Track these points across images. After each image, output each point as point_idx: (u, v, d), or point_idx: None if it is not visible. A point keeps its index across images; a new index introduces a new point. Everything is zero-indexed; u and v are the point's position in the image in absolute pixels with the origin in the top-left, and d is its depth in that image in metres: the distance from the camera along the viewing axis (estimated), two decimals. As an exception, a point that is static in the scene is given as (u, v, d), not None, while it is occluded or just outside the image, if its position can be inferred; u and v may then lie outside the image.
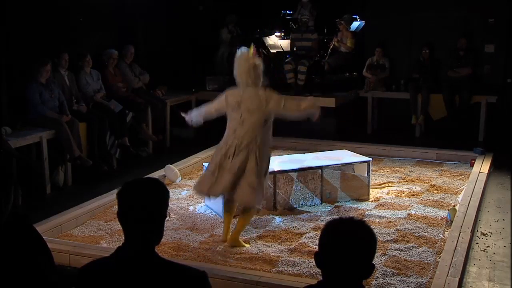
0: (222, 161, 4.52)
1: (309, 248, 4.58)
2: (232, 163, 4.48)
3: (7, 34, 6.50)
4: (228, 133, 4.59)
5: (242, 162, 4.47)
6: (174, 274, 2.07)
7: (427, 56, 9.33)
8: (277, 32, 10.57)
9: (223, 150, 4.55)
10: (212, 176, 4.55)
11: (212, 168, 4.59)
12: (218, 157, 4.56)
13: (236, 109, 4.57)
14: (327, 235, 1.96)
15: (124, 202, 2.11)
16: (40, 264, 2.39)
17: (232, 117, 4.61)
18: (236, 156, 4.48)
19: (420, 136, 9.27)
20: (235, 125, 4.55)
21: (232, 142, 4.51)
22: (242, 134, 4.50)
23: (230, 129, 4.59)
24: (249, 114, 4.52)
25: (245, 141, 4.49)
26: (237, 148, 4.49)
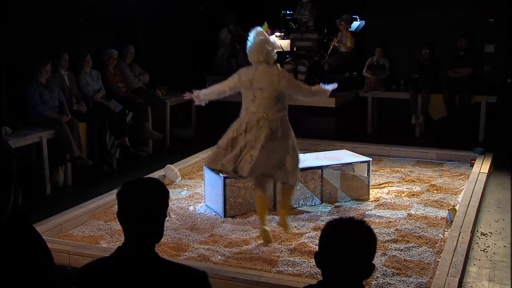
0: (234, 137, 4.56)
1: (309, 248, 4.58)
2: (244, 139, 4.50)
3: (7, 34, 6.50)
4: (242, 110, 4.64)
5: (253, 139, 4.48)
6: (174, 274, 2.07)
7: (427, 56, 9.33)
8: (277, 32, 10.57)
9: (235, 126, 4.59)
10: (225, 152, 4.59)
11: (224, 144, 4.60)
12: (230, 133, 4.60)
13: (248, 87, 4.58)
14: (327, 235, 1.96)
15: (124, 202, 2.11)
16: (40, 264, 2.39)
17: (245, 95, 4.63)
18: (247, 133, 4.49)
19: (420, 136, 9.27)
20: (247, 102, 4.58)
21: (243, 119, 4.55)
22: (254, 110, 4.52)
23: (243, 106, 4.63)
24: (260, 91, 4.52)
25: (255, 118, 4.50)
26: (248, 124, 4.51)
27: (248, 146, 4.55)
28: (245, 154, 4.56)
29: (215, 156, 4.74)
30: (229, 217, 5.35)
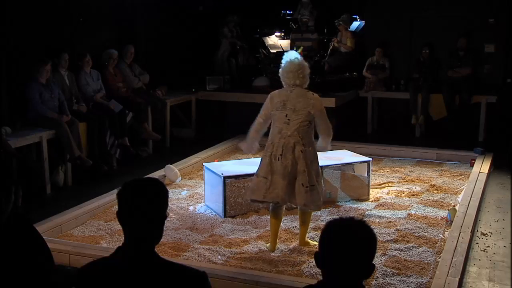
0: (272, 164, 4.44)
1: (309, 248, 4.58)
2: (282, 166, 4.40)
3: (7, 34, 6.50)
4: (273, 133, 4.51)
5: (292, 164, 4.40)
6: (174, 274, 2.07)
7: (427, 56, 9.33)
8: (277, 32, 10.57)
9: (269, 152, 4.47)
10: (266, 181, 4.45)
11: (263, 172, 4.47)
12: (267, 159, 4.48)
13: (281, 108, 4.51)
14: (327, 235, 1.96)
15: (124, 202, 2.11)
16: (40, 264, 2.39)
17: (276, 117, 4.53)
18: (284, 158, 4.40)
19: (420, 136, 9.27)
20: (280, 125, 4.49)
21: (279, 142, 4.44)
22: (289, 134, 4.44)
23: (275, 129, 4.52)
24: (294, 113, 4.47)
25: (292, 141, 4.42)
26: (285, 148, 4.41)
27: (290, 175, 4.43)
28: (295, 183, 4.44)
29: (257, 186, 4.55)
30: (229, 217, 5.35)
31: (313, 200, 4.46)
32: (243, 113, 9.30)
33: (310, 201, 4.45)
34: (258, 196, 4.52)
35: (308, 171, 4.42)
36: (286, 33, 10.46)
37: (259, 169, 4.54)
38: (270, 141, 4.53)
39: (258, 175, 4.52)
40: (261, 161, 4.57)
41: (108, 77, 7.81)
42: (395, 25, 9.96)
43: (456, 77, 9.07)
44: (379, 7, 10.12)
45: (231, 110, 9.56)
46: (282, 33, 10.56)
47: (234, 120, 9.35)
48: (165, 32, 9.60)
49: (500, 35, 9.34)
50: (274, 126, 4.55)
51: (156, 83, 8.75)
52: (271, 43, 10.33)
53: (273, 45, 10.31)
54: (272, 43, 10.34)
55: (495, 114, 8.89)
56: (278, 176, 4.42)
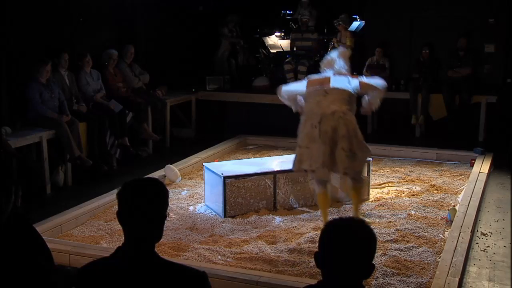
0: (311, 133, 4.51)
1: (309, 248, 4.58)
2: (322, 131, 4.45)
3: (7, 34, 6.50)
4: (311, 107, 4.60)
5: (332, 131, 4.44)
6: (174, 274, 2.07)
7: (427, 56, 9.33)
8: (277, 32, 10.58)
9: (309, 122, 4.54)
10: (308, 150, 4.52)
11: (304, 142, 4.54)
12: (306, 129, 4.55)
13: (319, 86, 4.64)
14: (327, 235, 1.96)
15: (124, 202, 2.11)
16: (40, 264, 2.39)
17: (313, 93, 4.65)
18: (322, 124, 4.45)
19: (420, 136, 9.26)
20: (317, 98, 4.59)
21: (317, 111, 4.52)
22: (327, 103, 4.53)
23: (312, 103, 4.61)
24: (333, 88, 4.61)
25: (330, 110, 4.49)
26: (323, 115, 4.47)
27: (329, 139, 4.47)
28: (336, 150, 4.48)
29: (300, 157, 4.64)
30: (229, 217, 5.35)
31: (354, 167, 4.50)
32: (243, 113, 9.35)
33: (351, 167, 4.47)
34: (306, 165, 4.59)
35: (348, 136, 4.48)
36: (286, 33, 10.47)
37: (300, 140, 4.60)
38: (309, 112, 4.61)
39: (301, 146, 4.60)
40: (301, 132, 4.63)
41: (108, 77, 7.81)
42: (395, 25, 9.96)
43: (456, 77, 9.06)
44: (379, 7, 10.12)
45: (231, 110, 9.57)
46: (282, 33, 10.57)
47: (234, 120, 9.36)
48: (165, 32, 9.60)
49: (500, 35, 9.33)
50: (310, 102, 4.66)
51: (156, 83, 8.75)
52: (271, 43, 10.34)
53: (273, 45, 10.32)
54: (272, 43, 10.36)
55: (495, 114, 8.89)
56: (318, 143, 4.47)
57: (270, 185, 5.52)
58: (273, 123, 8.91)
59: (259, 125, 8.84)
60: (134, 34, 8.92)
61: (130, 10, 8.75)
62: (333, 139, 4.46)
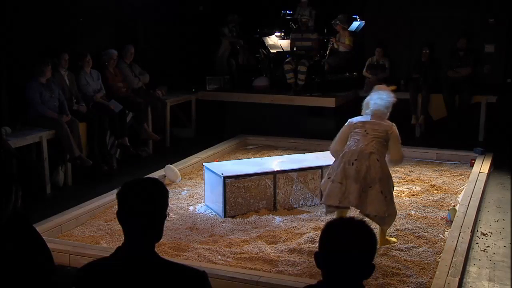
0: (345, 169, 4.51)
1: (309, 248, 4.57)
2: (355, 170, 4.45)
3: (7, 34, 6.50)
4: (350, 145, 4.63)
5: (366, 170, 4.45)
6: (174, 274, 2.07)
7: (427, 56, 9.32)
8: (277, 32, 10.57)
9: (346, 158, 4.55)
10: (341, 186, 4.49)
11: (339, 178, 4.51)
12: (342, 165, 4.54)
13: (360, 127, 4.69)
14: (327, 235, 1.95)
15: (124, 202, 2.11)
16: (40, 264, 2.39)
17: (354, 133, 4.68)
18: (358, 162, 4.46)
19: (420, 136, 9.26)
20: (358, 137, 4.63)
21: (355, 149, 4.54)
22: (366, 143, 4.56)
23: (352, 141, 4.65)
24: (373, 130, 4.64)
25: (368, 150, 4.52)
26: (360, 154, 4.49)
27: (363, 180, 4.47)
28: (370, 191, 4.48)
29: (331, 191, 4.57)
30: (229, 217, 5.35)
31: (388, 210, 4.50)
32: (243, 113, 9.35)
33: (386, 210, 4.47)
34: (334, 201, 4.55)
35: (385, 179, 4.51)
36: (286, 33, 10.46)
37: (334, 175, 4.57)
38: (347, 149, 4.62)
39: (334, 180, 4.55)
40: (335, 168, 4.62)
41: (108, 77, 7.80)
42: (395, 25, 9.95)
43: (456, 77, 9.06)
44: (379, 7, 10.12)
45: (231, 110, 9.57)
46: (282, 33, 10.56)
47: (234, 120, 9.36)
48: (165, 32, 9.60)
49: (500, 35, 9.33)
50: (351, 139, 4.67)
51: (156, 83, 8.75)
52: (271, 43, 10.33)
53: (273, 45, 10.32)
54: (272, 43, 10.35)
55: (495, 114, 8.89)
56: (351, 181, 4.46)
57: (270, 185, 5.52)
58: (273, 123, 8.92)
59: (259, 125, 8.84)
60: (134, 34, 8.92)
61: (130, 10, 8.75)
62: (366, 179, 4.46)
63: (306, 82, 9.11)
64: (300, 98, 9.04)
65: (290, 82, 9.19)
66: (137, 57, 8.39)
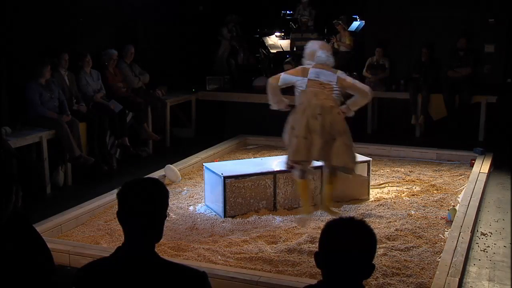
0: (311, 124, 4.57)
1: (309, 248, 4.58)
2: (321, 125, 4.55)
3: (7, 34, 6.49)
4: (308, 98, 4.67)
5: (330, 125, 4.57)
6: (174, 274, 2.07)
7: (427, 56, 9.32)
8: (277, 32, 10.58)
9: (308, 112, 4.60)
10: (306, 141, 4.57)
11: (303, 133, 4.58)
12: (304, 120, 4.59)
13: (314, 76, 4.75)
14: (327, 235, 1.95)
15: (124, 202, 2.11)
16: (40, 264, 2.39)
17: (308, 88, 4.74)
18: (322, 117, 4.56)
19: (420, 136, 9.26)
20: (314, 90, 4.69)
21: (316, 103, 4.61)
22: (325, 96, 4.65)
23: (309, 93, 4.69)
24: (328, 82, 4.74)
25: (328, 104, 4.63)
26: (323, 109, 4.58)
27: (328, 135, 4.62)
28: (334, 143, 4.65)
29: (297, 147, 4.67)
30: (229, 217, 5.35)
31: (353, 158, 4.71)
32: (243, 113, 9.35)
33: (352, 159, 4.68)
34: (301, 156, 4.64)
35: (347, 131, 4.69)
36: (286, 33, 10.47)
37: (298, 130, 4.62)
38: (306, 104, 4.67)
39: (298, 136, 4.61)
40: (294, 122, 4.67)
41: (108, 77, 7.80)
42: (395, 25, 9.96)
43: (456, 77, 9.06)
44: (379, 7, 10.12)
45: (231, 110, 9.57)
46: (282, 33, 10.57)
47: (234, 120, 9.35)
48: (165, 32, 9.60)
49: (500, 35, 9.34)
50: (307, 93, 4.72)
51: (156, 83, 8.75)
52: (271, 43, 10.34)
53: (273, 45, 10.33)
54: (272, 43, 10.36)
55: (495, 114, 8.89)
56: (316, 135, 4.56)
57: (270, 185, 5.52)
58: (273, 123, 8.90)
59: (259, 125, 8.84)
60: (134, 34, 8.92)
61: (130, 10, 8.75)
62: (330, 133, 4.59)
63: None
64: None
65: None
66: (137, 57, 8.39)
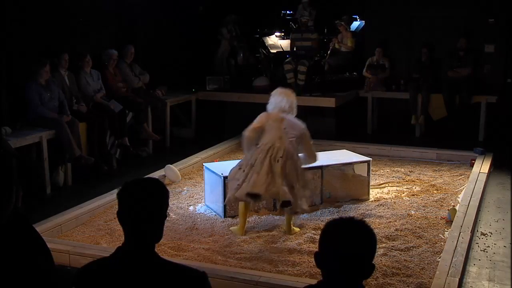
0: (273, 165, 4.74)
1: (309, 248, 4.58)
2: (281, 167, 4.73)
3: (7, 34, 6.49)
4: (274, 138, 4.83)
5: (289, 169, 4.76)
6: (174, 274, 2.07)
7: (427, 56, 9.33)
8: (277, 32, 10.58)
9: (271, 153, 4.77)
10: (266, 178, 4.72)
11: (264, 171, 4.73)
12: (267, 160, 4.75)
13: (278, 122, 4.90)
14: (327, 235, 1.95)
15: (124, 202, 2.10)
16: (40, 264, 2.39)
17: (273, 129, 4.88)
18: (283, 160, 4.74)
19: (420, 136, 9.27)
20: (279, 134, 4.85)
21: (280, 147, 4.78)
22: (287, 142, 4.82)
23: (273, 136, 4.85)
24: (292, 128, 4.90)
25: (291, 149, 4.81)
26: (285, 153, 4.77)
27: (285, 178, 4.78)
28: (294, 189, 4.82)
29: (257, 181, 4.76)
30: (229, 217, 5.35)
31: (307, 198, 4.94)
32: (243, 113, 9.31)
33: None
34: (260, 189, 4.74)
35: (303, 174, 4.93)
36: (286, 33, 10.46)
37: (260, 167, 4.75)
38: (270, 144, 4.81)
39: (259, 172, 4.74)
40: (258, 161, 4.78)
41: (108, 77, 7.80)
42: (395, 25, 9.96)
43: (456, 77, 9.07)
44: (379, 7, 10.12)
45: (231, 110, 9.56)
46: (282, 33, 10.57)
47: (234, 120, 9.35)
48: (165, 32, 9.60)
49: (500, 35, 9.34)
50: (272, 134, 4.87)
51: (156, 83, 8.75)
52: (271, 43, 10.34)
53: (273, 45, 10.32)
54: (272, 43, 10.35)
55: (495, 114, 8.89)
56: (277, 176, 4.72)
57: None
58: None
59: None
60: (134, 34, 8.92)
61: (130, 10, 8.75)
62: (289, 179, 4.78)
63: (306, 82, 9.11)
64: (300, 98, 8.99)
65: (290, 82, 9.18)
66: (137, 57, 8.39)
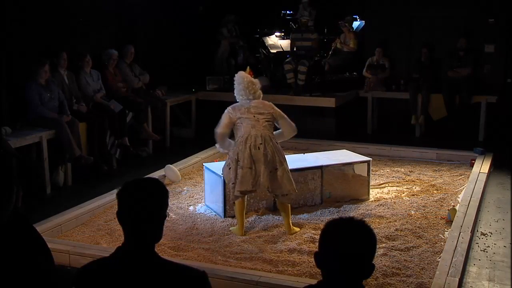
0: (254, 154, 4.76)
1: (309, 248, 4.58)
2: (263, 154, 4.75)
3: (7, 34, 6.49)
4: (247, 130, 4.84)
5: (272, 154, 4.78)
6: (174, 274, 2.07)
7: (427, 56, 9.33)
8: (277, 32, 10.57)
9: (249, 143, 4.77)
10: (251, 171, 4.74)
11: (247, 163, 4.74)
12: (248, 150, 4.75)
13: (246, 113, 4.91)
14: (327, 235, 1.95)
15: (124, 202, 2.11)
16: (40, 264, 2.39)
17: (244, 121, 4.89)
18: (263, 146, 4.77)
19: (420, 136, 9.27)
20: (251, 122, 4.85)
21: (256, 134, 4.79)
22: (262, 127, 4.83)
23: (247, 126, 4.85)
24: (260, 114, 4.91)
25: (267, 134, 4.84)
26: (263, 138, 4.78)
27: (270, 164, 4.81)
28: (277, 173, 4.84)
29: (243, 177, 4.77)
30: (229, 217, 5.35)
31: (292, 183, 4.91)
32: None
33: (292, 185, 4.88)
34: (248, 186, 4.77)
35: (285, 160, 4.92)
36: (286, 33, 10.46)
37: (243, 161, 4.78)
38: (246, 135, 4.83)
39: (243, 166, 4.77)
40: (241, 153, 4.80)
41: (108, 77, 7.80)
42: (395, 25, 9.96)
43: (456, 77, 9.07)
44: (379, 7, 10.13)
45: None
46: (282, 33, 10.56)
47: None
48: (165, 32, 9.60)
49: (500, 35, 9.34)
50: (244, 125, 4.88)
51: (156, 83, 8.75)
52: (271, 43, 10.33)
53: (273, 45, 10.32)
54: (272, 43, 10.35)
55: (495, 114, 8.89)
56: (260, 164, 4.76)
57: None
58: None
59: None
60: (134, 34, 8.92)
61: (130, 10, 8.75)
62: (272, 162, 4.79)
63: (306, 82, 9.11)
64: (300, 98, 9.04)
65: (290, 82, 9.18)
66: (137, 57, 8.39)
